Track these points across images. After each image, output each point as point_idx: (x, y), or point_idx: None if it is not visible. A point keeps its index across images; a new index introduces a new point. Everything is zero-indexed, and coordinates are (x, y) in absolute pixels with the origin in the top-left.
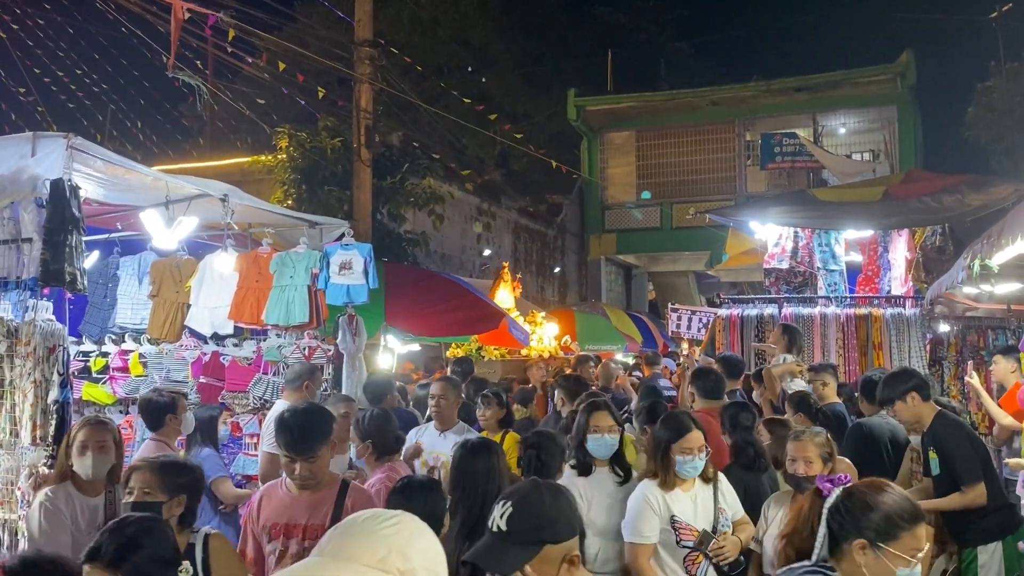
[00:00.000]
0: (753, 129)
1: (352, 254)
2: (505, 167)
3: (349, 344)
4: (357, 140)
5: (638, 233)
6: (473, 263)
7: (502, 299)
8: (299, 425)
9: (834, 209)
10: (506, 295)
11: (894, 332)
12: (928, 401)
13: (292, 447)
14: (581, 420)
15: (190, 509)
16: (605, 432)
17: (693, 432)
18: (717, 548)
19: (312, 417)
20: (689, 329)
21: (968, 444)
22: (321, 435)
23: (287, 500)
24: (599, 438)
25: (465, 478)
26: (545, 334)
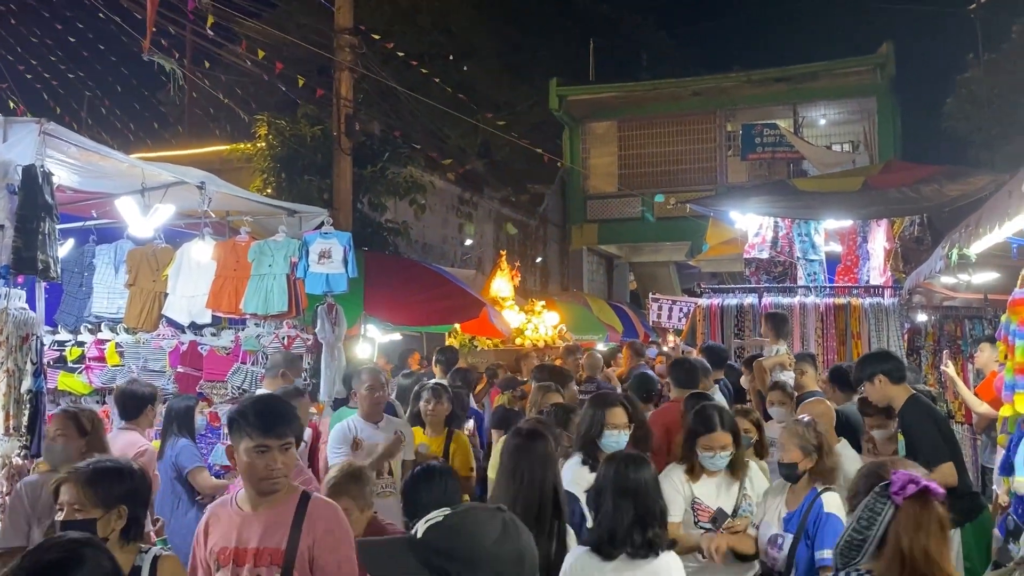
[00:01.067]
0: (734, 120)
1: (332, 243)
2: (487, 157)
3: (328, 333)
4: (337, 128)
5: (619, 224)
6: (455, 253)
7: (499, 288)
8: (270, 407)
9: (814, 199)
10: (504, 284)
11: (873, 321)
12: (900, 384)
13: (265, 429)
14: (596, 415)
15: (134, 520)
16: (621, 429)
17: (718, 432)
18: (732, 528)
19: (279, 400)
20: (670, 319)
21: (935, 428)
22: (293, 418)
23: (237, 520)
24: (616, 435)
25: (521, 467)
26: (544, 323)
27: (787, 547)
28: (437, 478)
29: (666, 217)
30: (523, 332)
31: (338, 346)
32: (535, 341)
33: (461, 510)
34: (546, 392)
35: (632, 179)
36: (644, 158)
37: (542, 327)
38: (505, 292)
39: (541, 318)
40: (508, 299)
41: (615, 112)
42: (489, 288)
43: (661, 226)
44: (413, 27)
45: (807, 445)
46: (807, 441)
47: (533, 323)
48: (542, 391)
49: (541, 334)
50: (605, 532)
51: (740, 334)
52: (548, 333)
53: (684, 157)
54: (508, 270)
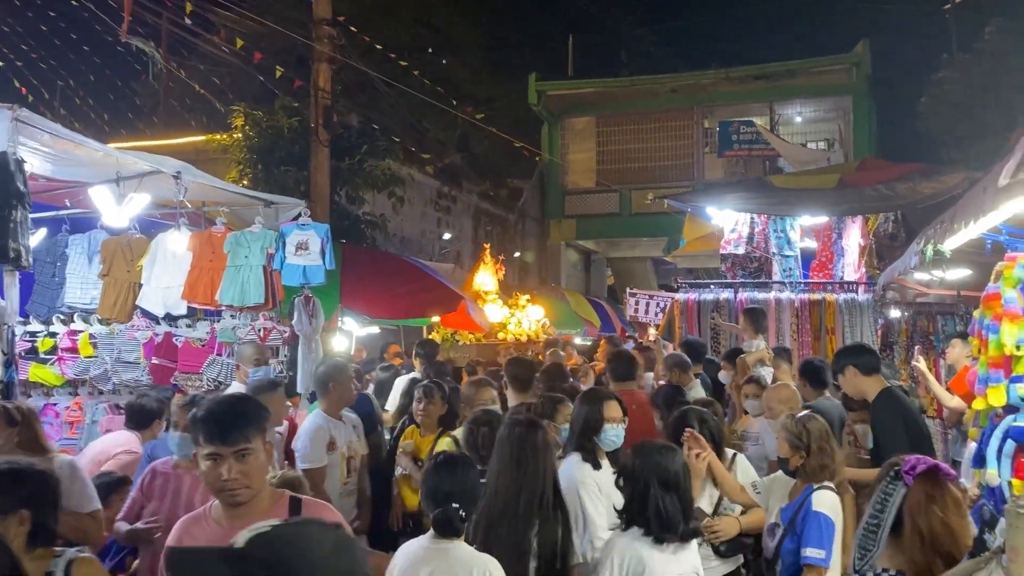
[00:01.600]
0: (711, 117)
1: (309, 234)
2: (466, 151)
3: (305, 325)
4: (315, 120)
5: (598, 219)
6: (433, 247)
7: (483, 282)
8: (223, 408)
9: (790, 196)
10: (487, 278)
11: (847, 317)
12: (871, 376)
13: (215, 435)
14: (591, 410)
15: (40, 524)
16: (619, 423)
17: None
18: (710, 527)
19: (239, 400)
20: (647, 313)
21: (899, 421)
22: (254, 420)
23: (216, 535)
24: (615, 429)
25: (526, 456)
26: (528, 317)
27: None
28: (460, 467)
29: (643, 213)
30: (506, 326)
31: (315, 338)
32: (518, 336)
33: (294, 522)
34: (479, 388)
35: (610, 175)
36: (623, 154)
37: (525, 321)
38: (489, 286)
39: (525, 312)
40: (491, 293)
41: (594, 108)
42: (472, 282)
43: (639, 222)
44: (393, 19)
45: (795, 441)
46: (795, 437)
47: (516, 317)
48: (476, 386)
49: (524, 328)
50: (656, 520)
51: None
52: (532, 328)
53: (662, 153)
54: (492, 263)
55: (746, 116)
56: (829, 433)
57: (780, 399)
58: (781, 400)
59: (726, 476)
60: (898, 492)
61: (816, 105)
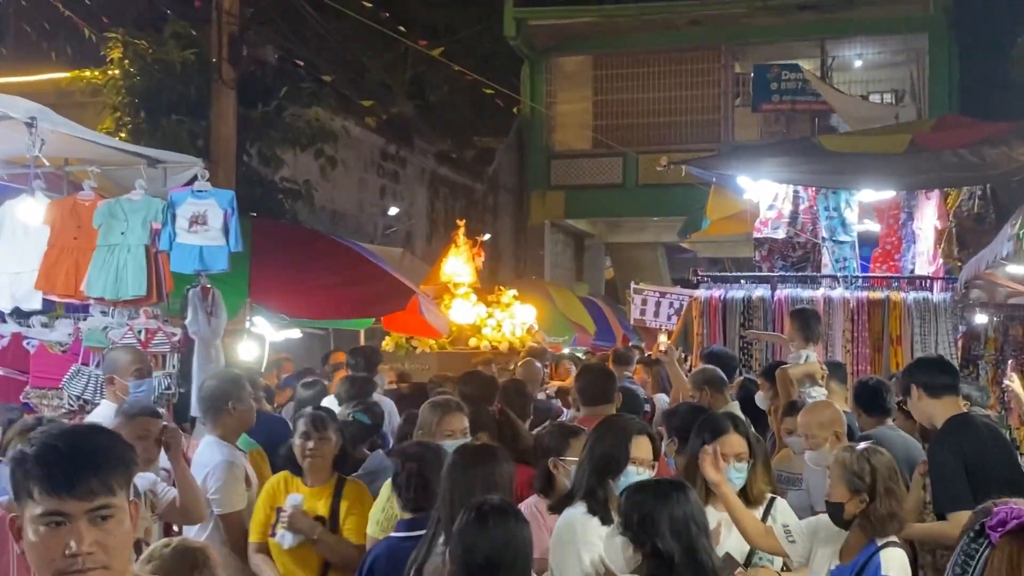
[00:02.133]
0: (744, 59)
1: (208, 204)
2: (420, 98)
3: (202, 326)
4: (218, 53)
5: (593, 191)
6: (375, 224)
7: (456, 270)
8: (70, 444)
9: (845, 162)
10: (461, 266)
11: (918, 323)
12: (941, 398)
13: (58, 484)
14: (614, 445)
15: None
16: (646, 467)
17: (731, 435)
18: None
19: (94, 433)
20: (656, 316)
21: (957, 459)
22: (117, 463)
23: None
24: (642, 474)
25: (456, 490)
26: (513, 319)
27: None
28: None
29: (654, 184)
30: (480, 330)
31: (216, 344)
32: (496, 343)
33: None
34: (445, 413)
35: (611, 133)
36: (627, 105)
37: (508, 325)
38: (463, 276)
39: (509, 312)
40: (464, 286)
41: (590, 44)
42: (439, 271)
43: (647, 195)
44: None
45: (855, 481)
46: (856, 476)
47: (496, 319)
48: (438, 412)
49: (505, 334)
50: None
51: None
52: (517, 333)
53: (679, 106)
54: (468, 247)
55: (790, 58)
56: (897, 471)
57: (821, 422)
58: (823, 424)
59: (742, 512)
60: (982, 553)
61: (882, 45)
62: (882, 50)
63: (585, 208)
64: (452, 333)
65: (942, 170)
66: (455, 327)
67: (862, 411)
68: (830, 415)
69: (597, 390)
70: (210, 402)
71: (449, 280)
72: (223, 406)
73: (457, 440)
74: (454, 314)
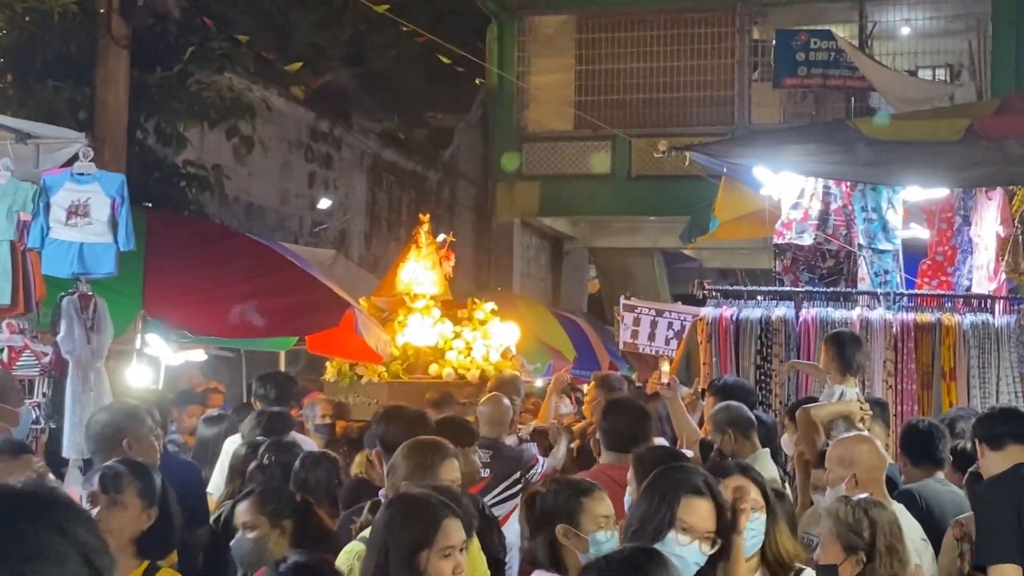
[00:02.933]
0: (764, 22)
1: (91, 191)
2: (359, 64)
3: (79, 345)
4: (106, 3)
5: (575, 183)
6: (301, 220)
7: (417, 277)
8: None
9: (888, 152)
10: (424, 272)
11: (975, 352)
12: (1005, 449)
13: None
14: (659, 505)
15: None
16: (707, 541)
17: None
18: None
19: None
20: (652, 340)
21: (1008, 509)
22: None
23: None
24: (694, 551)
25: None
26: (489, 339)
27: None
28: None
29: (650, 175)
30: (443, 354)
31: (98, 367)
32: (462, 369)
33: None
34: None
35: (598, 111)
36: (618, 77)
37: (480, 347)
38: (428, 285)
39: (483, 332)
40: (424, 298)
41: (574, 1)
42: (394, 279)
43: (642, 189)
44: None
45: (852, 537)
46: (852, 530)
47: (465, 339)
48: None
49: (476, 359)
50: None
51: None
52: (492, 357)
53: (683, 79)
54: (433, 248)
55: (821, 23)
56: (901, 528)
57: (841, 457)
58: (843, 460)
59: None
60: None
61: (934, 8)
62: (934, 15)
63: (564, 204)
64: (408, 358)
65: (1007, 164)
66: (411, 350)
67: (908, 460)
68: (854, 452)
69: (629, 431)
70: (101, 441)
71: (407, 290)
72: (117, 445)
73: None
74: (410, 334)
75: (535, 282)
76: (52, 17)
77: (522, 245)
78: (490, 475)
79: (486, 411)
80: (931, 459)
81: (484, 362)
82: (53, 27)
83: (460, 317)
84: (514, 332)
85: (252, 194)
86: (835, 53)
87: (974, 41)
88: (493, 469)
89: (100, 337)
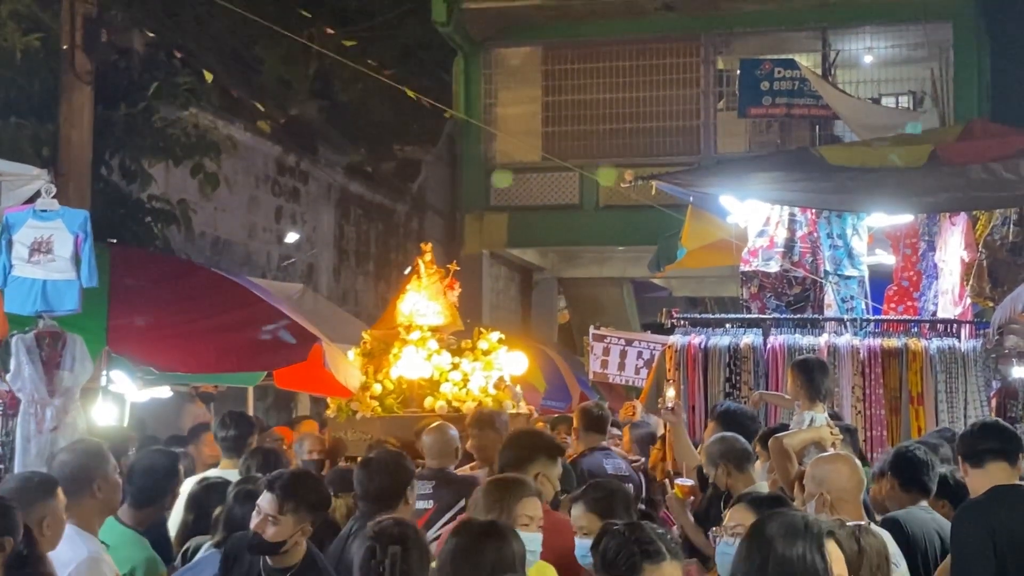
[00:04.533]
0: (729, 52)
1: (54, 228)
2: (326, 98)
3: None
4: (70, 39)
5: (544, 214)
6: (268, 254)
7: (419, 308)
8: None
9: (852, 179)
10: (425, 303)
11: (942, 377)
12: (985, 466)
13: None
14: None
15: None
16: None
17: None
18: None
19: None
20: (622, 370)
21: (984, 536)
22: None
23: None
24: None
25: None
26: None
27: None
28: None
29: (618, 206)
30: (437, 387)
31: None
32: (456, 403)
33: None
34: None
35: (565, 142)
36: (584, 108)
37: (479, 378)
38: (430, 316)
39: (486, 362)
40: (421, 330)
41: (539, 32)
42: (394, 311)
43: (610, 220)
44: None
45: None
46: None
47: (462, 371)
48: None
49: (473, 391)
50: None
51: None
52: (491, 390)
53: (649, 109)
54: (435, 278)
55: (785, 52)
56: (889, 559)
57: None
58: (814, 478)
59: None
60: None
61: (897, 37)
62: (897, 43)
63: (533, 235)
64: (403, 392)
65: (970, 189)
66: (405, 383)
67: (898, 483)
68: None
69: None
70: (68, 482)
71: (409, 322)
72: (86, 487)
73: (532, 532)
74: (403, 366)
75: (505, 313)
76: (15, 53)
77: (491, 276)
78: (434, 506)
79: (428, 441)
80: (919, 486)
81: (482, 394)
82: (15, 64)
83: (463, 348)
84: (522, 362)
85: (219, 229)
86: (799, 82)
87: (936, 68)
88: (436, 500)
89: (72, 375)
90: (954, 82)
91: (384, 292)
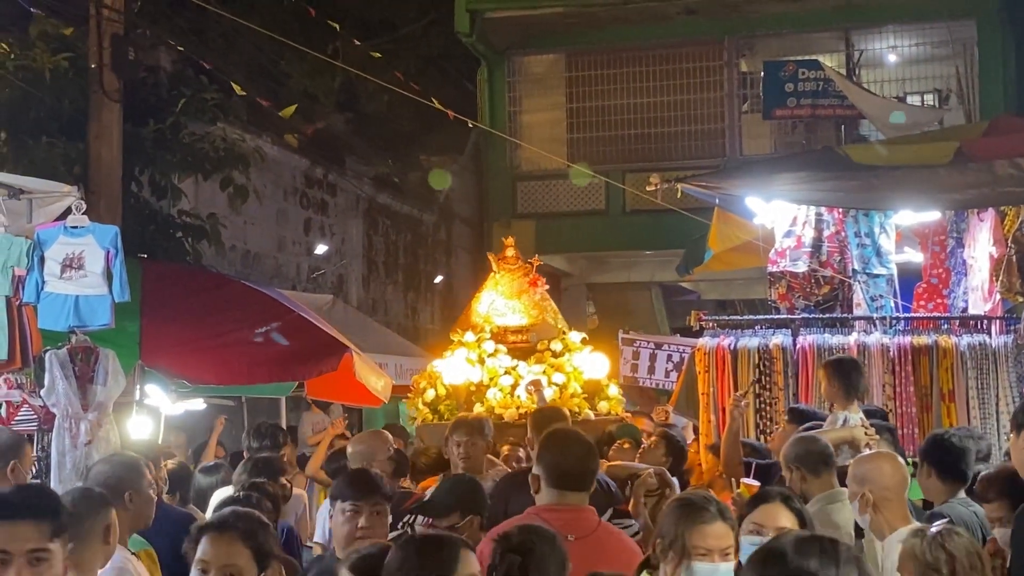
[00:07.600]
0: (752, 54)
1: (85, 244)
2: (352, 109)
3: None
4: (98, 58)
5: (570, 220)
6: (298, 266)
7: (497, 307)
8: None
9: (879, 178)
10: (504, 302)
11: (973, 373)
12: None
13: None
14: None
15: None
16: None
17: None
18: None
19: None
20: (652, 373)
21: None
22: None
23: None
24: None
25: None
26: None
27: None
28: None
29: (644, 210)
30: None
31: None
32: (500, 410)
33: None
34: (702, 521)
35: (590, 148)
36: (609, 114)
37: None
38: (509, 316)
39: (554, 364)
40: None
41: (562, 40)
42: (470, 312)
43: (636, 224)
44: None
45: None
46: (932, 568)
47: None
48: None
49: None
50: None
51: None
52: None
53: (673, 114)
54: (519, 274)
55: (809, 53)
56: (981, 557)
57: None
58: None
59: None
60: None
61: (921, 35)
62: (921, 41)
63: (560, 241)
64: (458, 396)
65: (997, 185)
66: (451, 389)
67: (935, 472)
68: (867, 470)
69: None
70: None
71: (487, 322)
72: (119, 497)
73: (714, 562)
74: (447, 372)
75: None
76: (44, 74)
77: None
78: None
79: (356, 450)
80: (957, 475)
81: (529, 400)
82: (45, 84)
83: (540, 349)
84: (603, 364)
85: (248, 242)
86: (823, 83)
87: (961, 65)
88: None
89: (105, 389)
90: (979, 79)
91: (413, 302)
